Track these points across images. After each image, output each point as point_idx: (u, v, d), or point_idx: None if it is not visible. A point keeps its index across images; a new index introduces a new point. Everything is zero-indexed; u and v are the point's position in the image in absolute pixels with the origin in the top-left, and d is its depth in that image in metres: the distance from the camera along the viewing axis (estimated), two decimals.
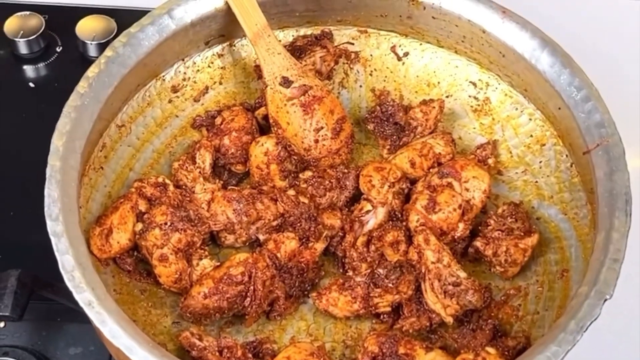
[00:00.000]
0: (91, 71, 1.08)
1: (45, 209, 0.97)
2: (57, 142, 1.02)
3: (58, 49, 1.44)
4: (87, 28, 1.42)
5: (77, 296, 0.93)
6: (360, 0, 1.20)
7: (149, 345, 0.90)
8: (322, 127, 1.17)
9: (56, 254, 0.95)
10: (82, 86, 1.06)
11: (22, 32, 1.41)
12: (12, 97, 1.41)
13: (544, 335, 0.97)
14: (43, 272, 1.13)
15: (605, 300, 0.93)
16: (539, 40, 1.13)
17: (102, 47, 1.41)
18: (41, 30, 1.42)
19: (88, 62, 1.42)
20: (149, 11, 1.14)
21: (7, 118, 1.38)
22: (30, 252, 1.22)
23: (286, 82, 1.17)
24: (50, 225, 0.96)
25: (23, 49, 1.43)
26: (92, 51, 1.42)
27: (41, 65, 1.44)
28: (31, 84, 1.41)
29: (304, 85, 1.17)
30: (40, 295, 1.14)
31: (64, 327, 1.19)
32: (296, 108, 1.17)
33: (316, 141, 1.17)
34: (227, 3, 1.15)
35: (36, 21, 1.43)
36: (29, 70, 1.43)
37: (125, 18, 1.43)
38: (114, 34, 1.42)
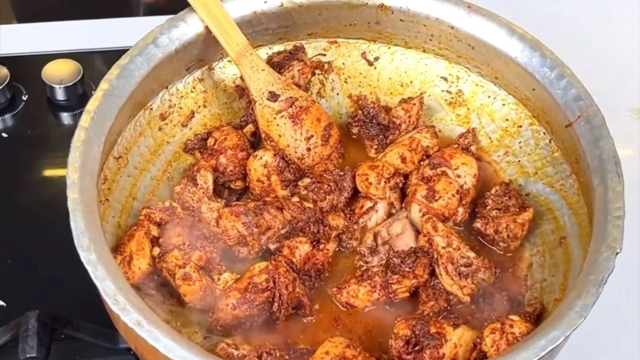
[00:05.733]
0: (91, 105, 1.09)
1: (75, 240, 0.98)
2: (73, 175, 1.03)
3: (24, 97, 1.45)
4: (54, 73, 1.44)
5: (124, 318, 0.94)
6: (330, 11, 1.25)
7: (204, 355, 0.93)
8: (312, 136, 1.22)
9: (95, 281, 0.96)
10: (85, 120, 1.08)
11: None
12: None
13: (567, 295, 1.02)
14: (59, 311, 1.15)
15: (617, 253, 1.00)
16: (507, 29, 1.20)
17: (70, 90, 1.44)
18: (6, 82, 1.43)
19: (56, 106, 1.45)
20: (113, 51, 1.16)
21: None
22: (40, 294, 1.23)
23: (273, 96, 1.21)
24: (83, 256, 0.97)
25: None
26: (60, 95, 1.44)
27: (8, 115, 1.44)
28: (4, 134, 1.42)
29: (290, 97, 1.22)
30: (57, 336, 1.14)
31: None
32: (285, 120, 1.21)
33: (308, 149, 1.22)
34: (206, 27, 1.19)
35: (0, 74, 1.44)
36: None
37: (89, 60, 1.46)
38: (80, 75, 1.44)
